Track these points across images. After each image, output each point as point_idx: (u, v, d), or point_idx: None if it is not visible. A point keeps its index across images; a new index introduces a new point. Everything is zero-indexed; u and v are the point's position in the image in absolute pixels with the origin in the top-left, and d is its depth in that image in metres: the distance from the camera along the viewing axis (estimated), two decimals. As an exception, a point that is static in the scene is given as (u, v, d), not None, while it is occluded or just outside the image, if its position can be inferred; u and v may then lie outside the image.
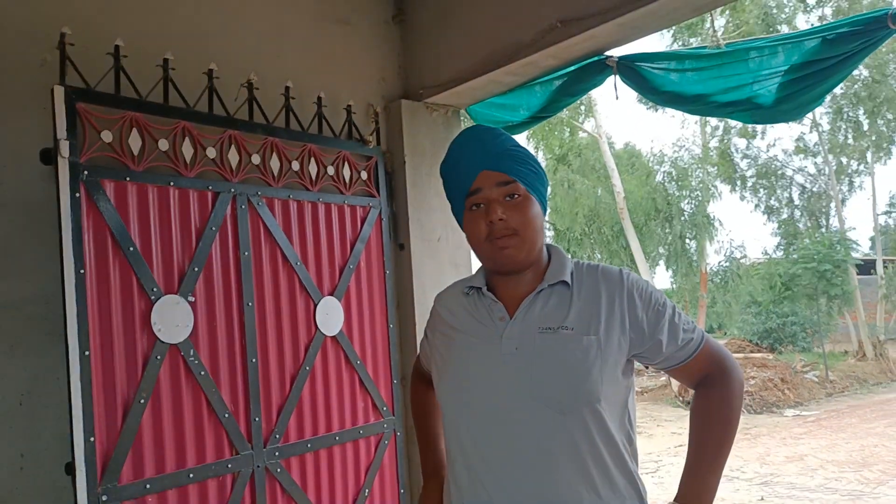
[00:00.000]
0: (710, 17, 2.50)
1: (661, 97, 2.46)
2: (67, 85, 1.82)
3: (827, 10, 15.53)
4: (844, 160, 18.38)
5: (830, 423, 9.70)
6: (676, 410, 11.06)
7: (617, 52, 2.49)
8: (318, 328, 2.41)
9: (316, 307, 2.42)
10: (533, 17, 2.42)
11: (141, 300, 1.95)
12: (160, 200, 2.03)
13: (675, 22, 2.31)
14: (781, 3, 15.18)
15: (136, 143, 1.98)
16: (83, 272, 1.80)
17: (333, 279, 2.51)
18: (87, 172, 1.84)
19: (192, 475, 2.00)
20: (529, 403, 1.17)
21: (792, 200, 19.37)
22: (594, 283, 1.26)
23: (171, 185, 2.05)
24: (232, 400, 2.14)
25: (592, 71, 2.52)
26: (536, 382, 1.17)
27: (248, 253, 2.23)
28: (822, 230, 18.36)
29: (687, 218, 16.52)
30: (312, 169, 2.49)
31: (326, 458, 2.40)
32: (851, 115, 16.94)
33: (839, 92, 15.84)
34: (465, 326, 1.30)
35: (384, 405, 2.62)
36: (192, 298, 2.06)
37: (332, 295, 2.48)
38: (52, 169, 1.81)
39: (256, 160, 2.30)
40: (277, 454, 2.23)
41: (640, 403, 11.67)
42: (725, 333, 19.70)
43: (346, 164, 2.61)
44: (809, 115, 15.77)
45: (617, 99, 2.58)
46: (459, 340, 1.29)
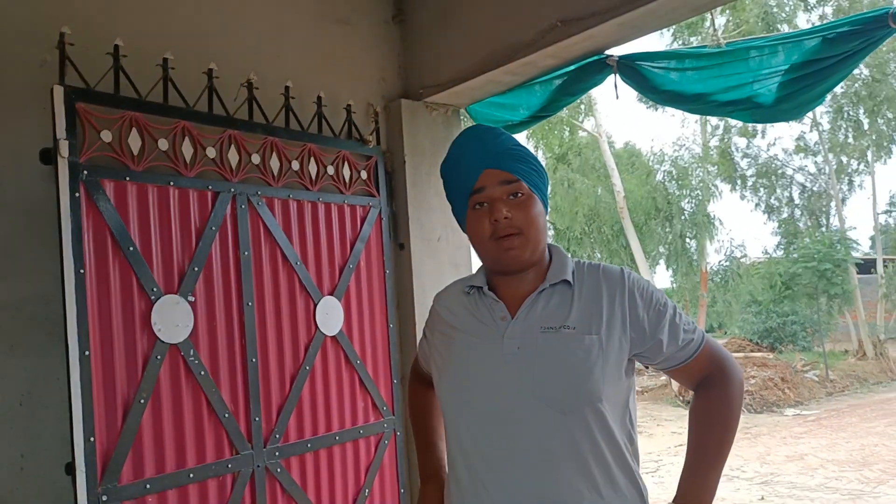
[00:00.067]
0: (710, 16, 2.50)
1: (661, 96, 2.46)
2: (67, 85, 1.82)
3: (827, 8, 15.52)
4: (845, 159, 18.37)
5: (831, 422, 9.70)
6: (677, 410, 11.06)
7: (617, 51, 2.49)
8: (317, 328, 2.41)
9: (316, 307, 2.42)
10: (533, 16, 2.42)
11: (141, 300, 1.95)
12: (160, 200, 2.03)
13: (674, 21, 2.31)
14: (782, 1, 15.16)
15: (135, 142, 1.98)
16: (83, 272, 1.80)
17: (333, 279, 2.51)
18: (86, 172, 1.84)
19: (192, 475, 2.00)
20: (531, 403, 1.17)
21: (792, 199, 19.36)
22: (595, 282, 1.25)
23: (170, 184, 2.05)
24: (232, 400, 2.14)
25: (592, 70, 2.52)
26: (538, 382, 1.17)
27: (247, 253, 2.23)
28: (822, 229, 18.35)
29: (687, 217, 16.52)
30: (312, 169, 2.49)
31: (326, 457, 2.40)
32: (852, 114, 16.93)
33: (839, 91, 15.83)
34: (465, 326, 1.30)
35: (384, 405, 2.62)
36: (192, 298, 2.06)
37: (331, 295, 2.48)
38: (51, 169, 1.81)
39: (256, 160, 2.30)
40: (277, 454, 2.23)
41: (640, 403, 11.67)
42: (726, 333, 19.69)
43: (345, 163, 2.61)
44: (810, 114, 15.76)
45: (617, 98, 2.57)
46: (460, 340, 1.29)
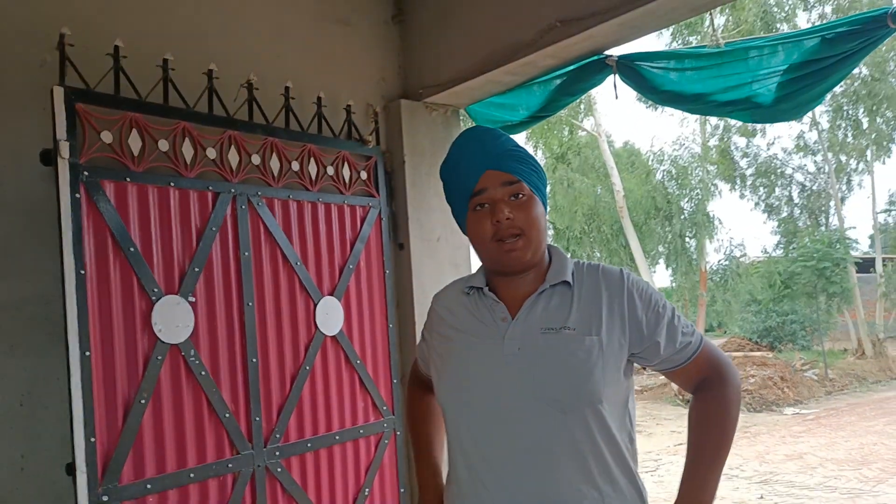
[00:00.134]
0: (709, 16, 2.50)
1: (660, 96, 2.47)
2: (67, 85, 1.82)
3: (827, 7, 15.52)
4: (844, 158, 18.37)
5: (830, 421, 9.70)
6: (676, 409, 11.06)
7: (616, 51, 2.49)
8: (317, 328, 2.42)
9: (316, 307, 2.42)
10: (532, 16, 2.42)
11: (141, 300, 1.95)
12: (160, 201, 2.03)
13: (673, 21, 2.31)
14: (781, 1, 15.18)
15: (136, 143, 1.98)
16: (83, 273, 1.81)
17: (333, 279, 2.51)
18: (86, 173, 1.85)
19: (192, 475, 2.00)
20: (531, 403, 1.17)
21: (791, 199, 19.37)
22: (595, 283, 1.26)
23: (171, 185, 2.05)
24: (232, 400, 2.14)
25: (592, 70, 2.53)
26: (539, 383, 1.17)
27: (248, 253, 2.23)
28: (821, 228, 18.35)
29: (686, 216, 16.55)
30: (312, 169, 2.49)
31: (326, 457, 2.40)
32: (851, 113, 16.93)
33: (839, 90, 15.83)
34: (465, 326, 1.30)
35: (384, 405, 2.62)
36: (192, 299, 2.06)
37: (331, 295, 2.48)
38: (52, 170, 1.81)
39: (256, 160, 2.30)
40: (278, 454, 2.24)
41: (639, 402, 11.67)
42: (725, 332, 19.71)
43: (345, 164, 2.61)
44: (809, 113, 15.75)
45: (616, 98, 2.58)
46: (460, 340, 1.29)
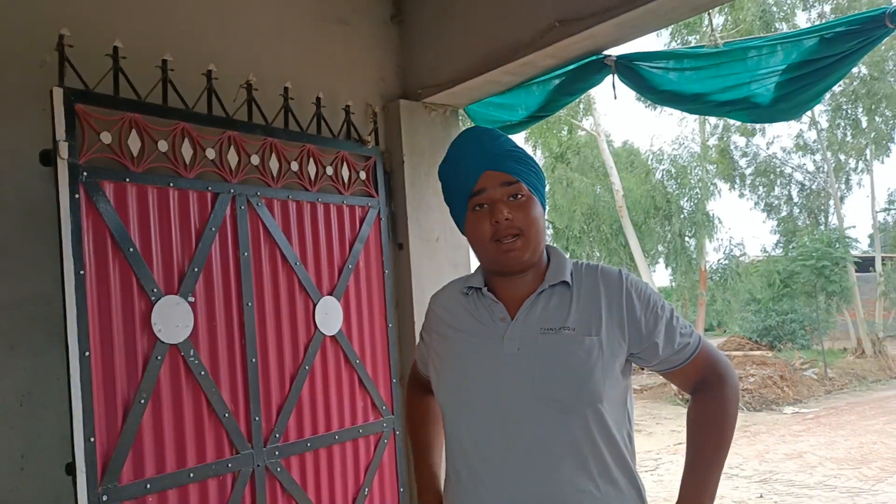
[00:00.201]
0: (707, 15, 2.50)
1: (659, 96, 2.47)
2: (66, 86, 1.83)
3: (826, 7, 15.53)
4: (843, 157, 18.39)
5: (829, 420, 9.71)
6: (676, 408, 11.06)
7: (615, 51, 2.49)
8: (317, 328, 2.42)
9: (315, 307, 2.42)
10: (531, 16, 2.42)
11: (141, 300, 1.96)
12: (160, 201, 2.04)
13: (673, 21, 2.32)
14: (780, 0, 15.18)
15: (135, 144, 1.98)
16: (83, 273, 1.81)
17: (332, 279, 2.51)
18: (86, 174, 1.85)
19: (192, 475, 2.00)
20: (531, 403, 1.17)
21: (791, 198, 19.39)
22: (594, 283, 1.26)
23: (170, 185, 2.06)
24: (232, 399, 2.15)
25: (591, 70, 2.53)
26: (539, 383, 1.17)
27: (247, 253, 2.23)
28: (821, 227, 18.37)
29: (686, 216, 16.55)
30: (311, 169, 2.49)
31: (326, 457, 2.41)
32: (850, 112, 16.95)
33: (838, 89, 15.85)
34: (464, 326, 1.30)
35: (383, 404, 2.62)
36: (192, 299, 2.07)
37: (331, 295, 2.48)
38: (51, 170, 1.81)
39: (255, 161, 2.31)
40: (277, 453, 2.24)
41: (639, 401, 11.67)
42: (725, 331, 19.72)
43: (344, 164, 2.61)
44: (808, 112, 15.76)
45: (615, 98, 2.58)
46: (459, 340, 1.29)
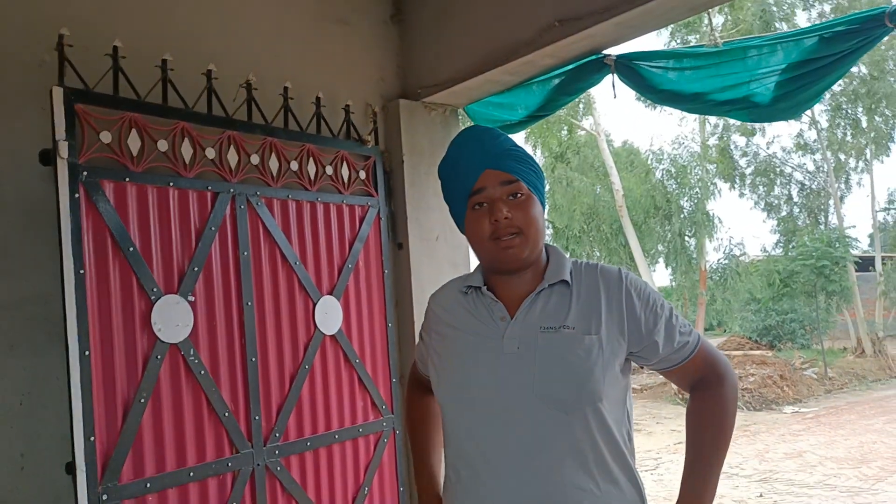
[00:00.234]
0: (707, 15, 2.50)
1: (658, 96, 2.47)
2: (66, 86, 1.83)
3: (826, 6, 15.53)
4: (843, 157, 18.39)
5: (829, 419, 9.71)
6: (676, 408, 11.06)
7: (615, 50, 2.50)
8: (317, 327, 2.42)
9: (315, 306, 2.42)
10: (531, 16, 2.42)
11: (141, 300, 1.96)
12: (160, 201, 2.04)
13: (672, 21, 2.32)
14: (780, 0, 15.17)
15: (135, 143, 1.98)
16: (83, 272, 1.81)
17: (332, 278, 2.51)
18: (86, 173, 1.85)
19: (192, 474, 2.01)
20: (531, 402, 1.17)
21: (791, 197, 19.38)
22: (593, 282, 1.26)
23: (170, 185, 2.06)
24: (232, 399, 2.15)
25: (590, 70, 2.53)
26: (539, 382, 1.18)
27: (247, 253, 2.23)
28: (820, 227, 18.37)
29: (686, 215, 16.54)
30: (311, 169, 2.49)
31: (326, 456, 2.41)
32: (850, 112, 16.95)
33: (838, 89, 15.85)
34: (464, 325, 1.30)
35: (383, 403, 2.62)
36: (191, 298, 2.07)
37: (330, 294, 2.48)
38: (51, 170, 1.81)
39: (255, 160, 2.31)
40: (277, 453, 2.24)
41: (639, 401, 11.67)
42: (725, 331, 19.70)
43: (344, 163, 2.61)
44: (808, 112, 15.78)
45: (615, 97, 2.58)
46: (459, 339, 1.29)
